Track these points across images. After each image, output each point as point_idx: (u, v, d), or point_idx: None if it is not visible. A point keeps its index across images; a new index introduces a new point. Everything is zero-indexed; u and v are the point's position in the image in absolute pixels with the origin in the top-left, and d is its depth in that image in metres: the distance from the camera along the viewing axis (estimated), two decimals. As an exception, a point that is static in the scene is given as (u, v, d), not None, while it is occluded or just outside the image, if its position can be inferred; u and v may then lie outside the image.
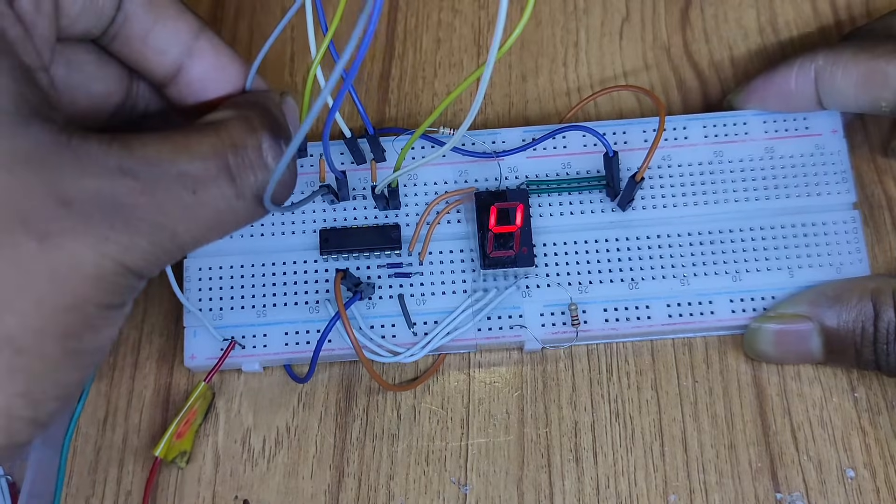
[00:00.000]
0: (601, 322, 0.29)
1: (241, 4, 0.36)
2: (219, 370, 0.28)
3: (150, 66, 0.23)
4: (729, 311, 0.29)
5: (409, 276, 0.29)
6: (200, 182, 0.19)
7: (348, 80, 0.20)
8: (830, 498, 0.27)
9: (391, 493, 0.28)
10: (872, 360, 0.27)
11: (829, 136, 0.30)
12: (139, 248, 0.18)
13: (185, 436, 0.28)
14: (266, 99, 0.22)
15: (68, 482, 0.29)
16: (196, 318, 0.29)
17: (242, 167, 0.20)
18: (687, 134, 0.30)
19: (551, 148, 0.30)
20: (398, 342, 0.29)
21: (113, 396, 0.30)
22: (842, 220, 0.29)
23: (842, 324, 0.27)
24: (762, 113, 0.30)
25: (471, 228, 0.29)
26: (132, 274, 0.18)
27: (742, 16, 0.35)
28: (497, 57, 0.19)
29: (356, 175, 0.30)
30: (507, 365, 0.30)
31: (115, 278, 0.18)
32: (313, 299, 0.29)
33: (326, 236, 0.29)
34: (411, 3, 0.36)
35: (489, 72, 0.19)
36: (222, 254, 0.29)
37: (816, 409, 0.28)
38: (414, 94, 0.34)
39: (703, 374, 0.29)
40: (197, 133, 0.20)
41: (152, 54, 0.23)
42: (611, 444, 0.28)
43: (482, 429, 0.29)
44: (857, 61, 0.27)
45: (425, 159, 0.25)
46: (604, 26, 0.35)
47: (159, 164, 0.18)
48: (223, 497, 0.28)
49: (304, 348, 0.29)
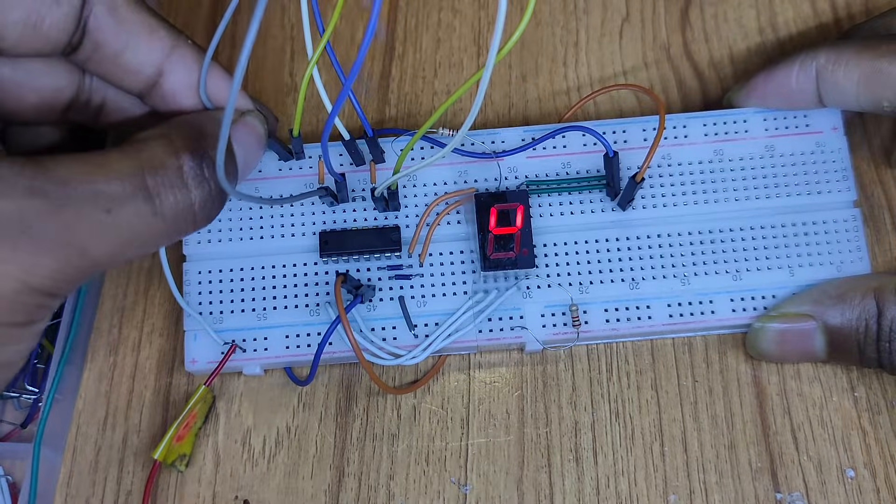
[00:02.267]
0: (602, 322, 0.29)
1: (240, 5, 0.36)
2: (219, 373, 0.28)
3: (124, 83, 0.23)
4: (730, 310, 0.29)
5: (409, 278, 0.29)
6: (115, 201, 0.19)
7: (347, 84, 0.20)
8: (830, 498, 0.27)
9: (391, 493, 0.28)
10: (875, 358, 0.27)
11: (829, 134, 0.30)
12: (44, 267, 0.18)
13: (184, 439, 0.28)
14: (201, 119, 0.23)
15: (67, 482, 0.29)
16: (196, 322, 0.29)
17: (161, 187, 0.20)
18: (687, 132, 0.30)
19: (551, 148, 0.30)
20: (399, 344, 0.28)
21: (113, 397, 0.30)
22: (842, 219, 0.29)
23: (845, 322, 0.27)
24: (762, 110, 0.30)
25: (471, 229, 0.29)
26: (39, 293, 0.19)
27: (742, 15, 0.35)
28: (496, 60, 0.19)
29: (355, 176, 0.30)
30: (508, 365, 0.30)
31: (16, 297, 0.18)
32: (314, 302, 0.29)
33: (326, 238, 0.29)
34: (411, 3, 0.36)
35: (488, 75, 0.19)
36: (222, 257, 0.29)
37: (816, 408, 0.28)
38: (414, 94, 0.34)
39: (703, 374, 0.29)
40: (117, 153, 0.20)
41: (124, 74, 0.23)
42: (611, 444, 0.28)
43: (482, 429, 0.29)
44: (859, 60, 0.27)
45: (424, 162, 0.25)
46: (604, 26, 0.35)
47: (73, 185, 0.19)
48: (223, 497, 0.28)
49: (304, 351, 0.29)
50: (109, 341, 0.31)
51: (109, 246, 0.20)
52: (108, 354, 0.30)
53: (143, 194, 0.20)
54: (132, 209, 0.20)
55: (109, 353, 0.30)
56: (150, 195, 0.20)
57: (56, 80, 0.23)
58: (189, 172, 0.21)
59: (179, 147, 0.21)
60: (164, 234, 0.21)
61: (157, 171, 0.20)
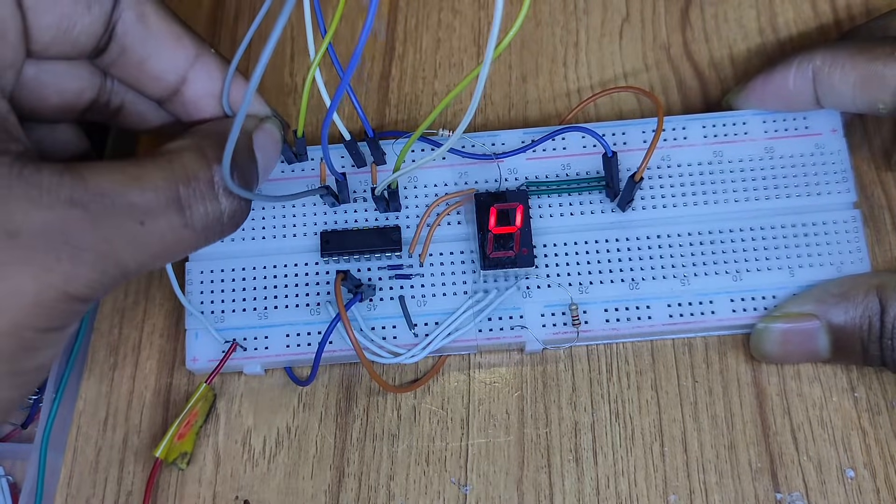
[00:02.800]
0: (602, 322, 0.29)
1: (241, 6, 0.36)
2: (220, 372, 0.28)
3: (146, 88, 0.24)
4: (730, 310, 0.29)
5: (409, 278, 0.29)
6: (149, 213, 0.20)
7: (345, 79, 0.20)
8: (830, 498, 0.27)
9: (391, 493, 0.28)
10: (878, 356, 0.27)
11: (828, 136, 0.30)
12: (83, 276, 0.19)
13: (185, 437, 0.28)
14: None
15: (68, 482, 0.29)
16: (198, 321, 0.29)
17: (193, 198, 0.20)
18: (686, 134, 0.30)
19: (551, 149, 0.30)
20: (399, 343, 0.29)
21: (113, 397, 0.30)
22: (842, 220, 0.29)
23: (848, 320, 0.27)
24: (762, 112, 0.30)
25: (471, 230, 0.29)
26: (75, 300, 0.19)
27: (742, 16, 0.35)
28: (494, 56, 0.19)
29: (357, 178, 0.30)
30: (507, 365, 0.30)
31: (56, 304, 0.18)
32: (314, 301, 0.29)
33: (327, 238, 0.29)
34: (411, 4, 0.36)
35: (486, 71, 0.19)
36: (224, 256, 0.29)
37: (816, 408, 0.28)
38: (414, 94, 0.34)
39: (703, 375, 0.29)
40: (150, 163, 0.20)
41: (148, 80, 0.23)
42: (611, 445, 0.28)
43: (482, 429, 0.29)
44: (854, 62, 0.27)
45: (423, 160, 0.25)
46: (604, 26, 0.35)
47: (110, 196, 0.19)
48: (223, 497, 0.28)
49: (305, 350, 0.29)
50: (110, 342, 0.31)
51: (142, 256, 0.20)
52: (108, 355, 0.30)
53: (176, 206, 0.20)
54: (165, 221, 0.20)
55: (110, 354, 0.30)
56: (181, 206, 0.20)
57: (79, 82, 0.23)
58: (220, 183, 0.21)
59: (211, 158, 0.21)
60: (193, 243, 0.21)
61: (189, 183, 0.20)
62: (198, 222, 0.21)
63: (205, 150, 0.21)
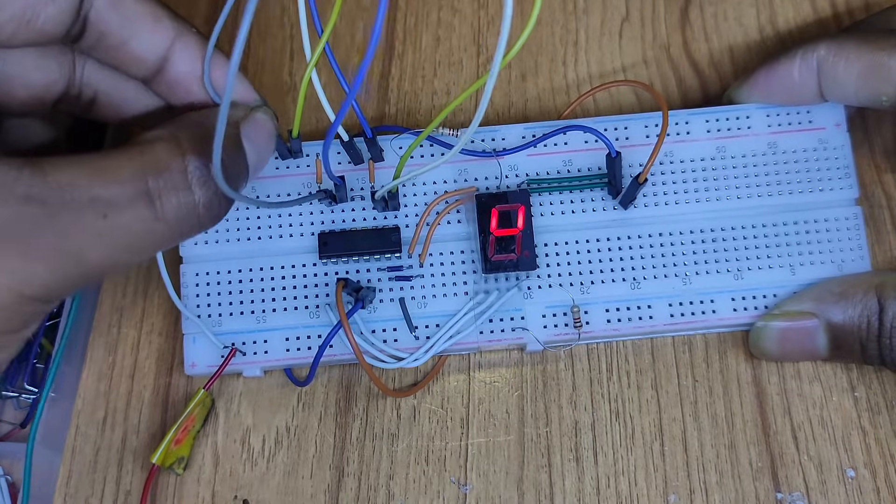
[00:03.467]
0: (603, 322, 0.29)
1: (239, 3, 0.36)
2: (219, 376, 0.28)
3: (128, 69, 0.23)
4: (731, 309, 0.29)
5: (409, 279, 0.29)
6: (113, 206, 0.19)
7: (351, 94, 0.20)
8: (831, 498, 0.27)
9: (391, 492, 0.28)
10: (877, 355, 0.27)
11: (832, 130, 0.30)
12: (37, 276, 0.18)
13: (182, 442, 0.28)
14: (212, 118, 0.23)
15: (67, 482, 0.29)
16: (195, 325, 0.28)
17: (164, 189, 0.20)
18: (689, 129, 0.30)
19: (552, 146, 0.30)
20: (400, 346, 0.28)
21: (112, 397, 0.30)
22: (843, 217, 0.29)
23: (847, 319, 0.27)
24: (765, 106, 0.30)
25: (471, 229, 0.29)
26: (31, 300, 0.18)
27: (742, 14, 0.35)
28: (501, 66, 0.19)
29: (354, 175, 0.30)
30: (507, 365, 0.30)
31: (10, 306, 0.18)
32: (313, 304, 0.29)
33: (325, 240, 0.29)
34: (411, 3, 0.36)
35: (492, 83, 0.19)
36: (219, 258, 0.29)
37: (816, 408, 0.28)
38: (413, 93, 0.34)
39: (703, 374, 0.29)
40: (120, 154, 0.20)
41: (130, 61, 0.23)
42: (611, 444, 0.28)
43: (482, 428, 0.29)
44: (859, 53, 0.27)
45: (423, 170, 0.25)
46: (603, 26, 0.35)
47: (69, 190, 0.18)
48: (223, 497, 0.28)
49: (305, 353, 0.28)
50: (108, 341, 0.30)
51: (107, 251, 0.19)
52: (107, 354, 0.30)
53: (145, 198, 0.19)
54: (132, 213, 0.19)
55: (108, 353, 0.30)
56: (151, 198, 0.19)
57: (47, 75, 0.23)
58: (194, 173, 0.20)
59: (186, 149, 0.20)
60: (167, 237, 0.21)
61: (160, 174, 0.20)
62: (170, 214, 0.20)
63: (180, 140, 0.21)
